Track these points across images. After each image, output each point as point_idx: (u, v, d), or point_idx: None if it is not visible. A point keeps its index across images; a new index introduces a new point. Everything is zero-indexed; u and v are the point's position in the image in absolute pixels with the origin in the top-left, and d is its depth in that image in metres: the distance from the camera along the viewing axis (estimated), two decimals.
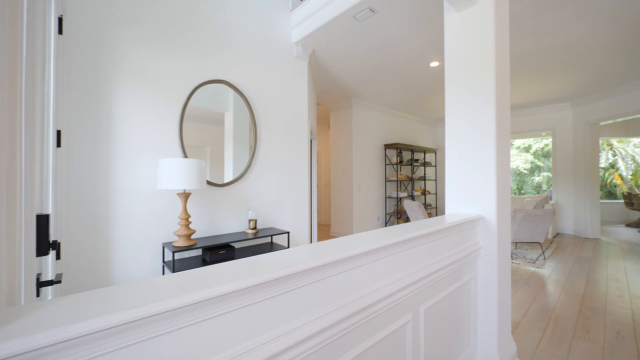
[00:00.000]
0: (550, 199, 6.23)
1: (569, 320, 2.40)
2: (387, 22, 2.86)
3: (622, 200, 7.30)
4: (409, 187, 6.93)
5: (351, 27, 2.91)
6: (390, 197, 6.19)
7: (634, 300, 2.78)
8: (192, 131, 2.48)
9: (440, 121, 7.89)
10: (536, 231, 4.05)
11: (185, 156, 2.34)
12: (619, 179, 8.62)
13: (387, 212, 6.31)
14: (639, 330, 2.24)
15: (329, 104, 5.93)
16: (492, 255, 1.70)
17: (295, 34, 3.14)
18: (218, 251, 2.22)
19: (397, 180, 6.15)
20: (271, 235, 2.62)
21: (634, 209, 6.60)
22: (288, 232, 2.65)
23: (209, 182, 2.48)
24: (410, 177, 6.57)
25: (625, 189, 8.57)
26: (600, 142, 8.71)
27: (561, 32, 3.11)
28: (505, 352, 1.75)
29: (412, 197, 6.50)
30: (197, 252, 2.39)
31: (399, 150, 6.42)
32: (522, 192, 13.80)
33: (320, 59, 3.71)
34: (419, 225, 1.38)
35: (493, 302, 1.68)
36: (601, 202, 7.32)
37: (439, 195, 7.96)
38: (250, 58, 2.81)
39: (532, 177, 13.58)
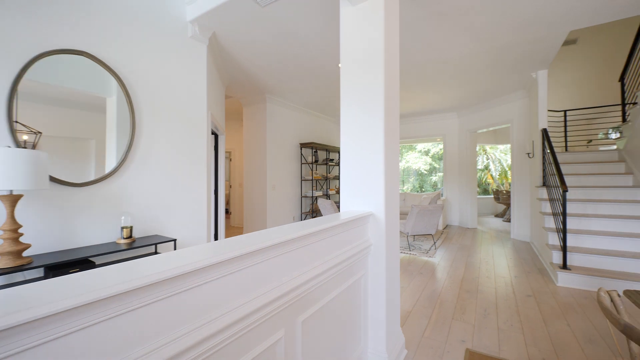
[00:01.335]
0: (442, 195, 7.18)
1: (450, 304, 2.68)
2: (292, 12, 2.74)
3: (492, 196, 8.93)
4: (325, 186, 7.07)
5: (253, 12, 2.69)
6: (305, 197, 6.18)
7: (497, 279, 3.31)
8: (63, 119, 1.95)
9: None
10: (429, 224, 4.54)
11: (18, 146, 1.75)
12: (491, 178, 10.58)
13: (303, 211, 6.28)
14: (500, 306, 2.64)
15: (242, 97, 5.57)
16: (381, 252, 1.71)
17: (191, 11, 2.75)
18: (68, 270, 1.72)
19: (312, 180, 6.17)
20: (155, 244, 2.21)
21: (500, 203, 8.14)
22: (175, 240, 2.27)
23: (57, 180, 1.92)
24: (325, 177, 6.70)
25: (494, 186, 10.57)
26: (478, 147, 10.53)
27: (447, 48, 3.51)
28: (394, 346, 1.79)
29: (327, 196, 6.63)
30: (39, 272, 1.82)
31: (314, 150, 6.47)
32: (423, 190, 15.77)
33: (224, 45, 3.37)
34: (305, 225, 1.26)
35: (381, 299, 1.69)
36: (478, 198, 8.81)
37: None
38: (130, 30, 2.32)
39: (430, 177, 15.65)
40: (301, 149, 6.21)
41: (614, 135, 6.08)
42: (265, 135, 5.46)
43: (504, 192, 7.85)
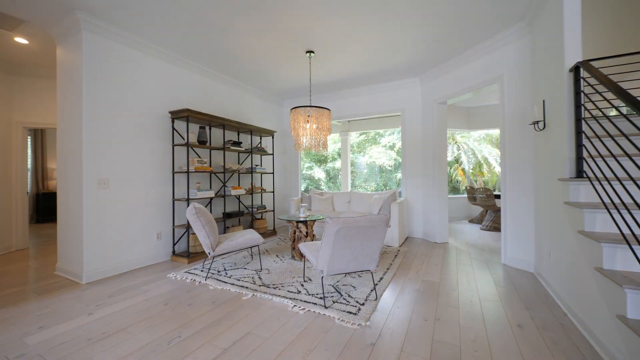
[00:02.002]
0: (400, 195, 5.11)
1: None
2: None
3: (466, 195, 7.08)
4: (235, 182, 4.73)
5: None
6: (182, 199, 3.76)
7: None
8: None
9: (287, 97, 5.99)
10: (362, 254, 2.33)
11: None
12: (462, 174, 8.80)
13: (177, 224, 3.87)
14: None
15: (48, 26, 3.07)
16: None
17: None
18: None
19: (186, 172, 3.75)
20: None
21: (476, 204, 6.27)
22: None
23: None
24: (225, 168, 4.34)
25: (465, 183, 8.83)
26: (447, 136, 8.70)
27: None
28: None
29: (223, 197, 4.28)
30: None
31: (205, 126, 4.09)
32: (388, 188, 13.97)
33: None
34: None
35: None
36: (448, 198, 6.90)
37: (280, 193, 6.07)
38: None
39: (395, 174, 13.88)
40: (173, 122, 3.79)
41: None
42: (80, 92, 2.99)
43: (481, 190, 5.96)
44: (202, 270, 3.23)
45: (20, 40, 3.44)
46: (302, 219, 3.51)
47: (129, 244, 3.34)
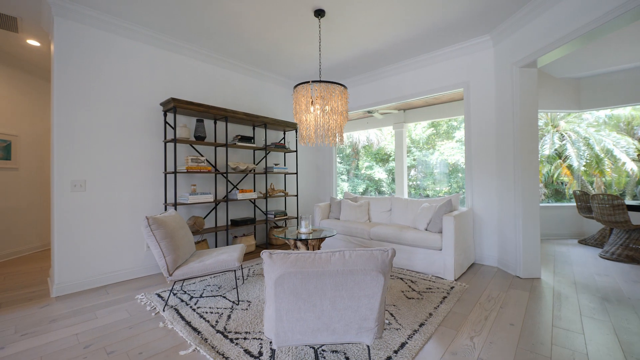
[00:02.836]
0: (462, 203, 3.67)
1: None
2: None
3: (574, 203, 4.99)
4: (250, 185, 4.09)
5: None
6: (171, 205, 3.24)
7: None
8: None
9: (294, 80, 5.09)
10: (340, 319, 1.28)
11: None
12: (568, 173, 6.44)
13: None
14: None
15: (37, 20, 2.89)
16: None
17: None
18: None
19: (190, 173, 3.19)
20: None
21: (591, 217, 4.25)
22: None
23: None
24: (227, 167, 3.70)
25: (573, 186, 6.43)
26: (543, 121, 6.48)
27: None
28: None
29: (231, 200, 3.62)
30: None
31: (211, 120, 3.52)
32: (463, 191, 11.78)
33: None
34: None
35: None
36: (543, 206, 4.97)
37: (311, 196, 5.17)
38: None
39: None
40: (165, 116, 3.29)
41: None
42: (52, 83, 2.69)
43: (602, 197, 3.95)
44: (175, 294, 2.60)
45: (32, 42, 3.40)
46: (302, 237, 2.58)
47: (113, 253, 2.94)
